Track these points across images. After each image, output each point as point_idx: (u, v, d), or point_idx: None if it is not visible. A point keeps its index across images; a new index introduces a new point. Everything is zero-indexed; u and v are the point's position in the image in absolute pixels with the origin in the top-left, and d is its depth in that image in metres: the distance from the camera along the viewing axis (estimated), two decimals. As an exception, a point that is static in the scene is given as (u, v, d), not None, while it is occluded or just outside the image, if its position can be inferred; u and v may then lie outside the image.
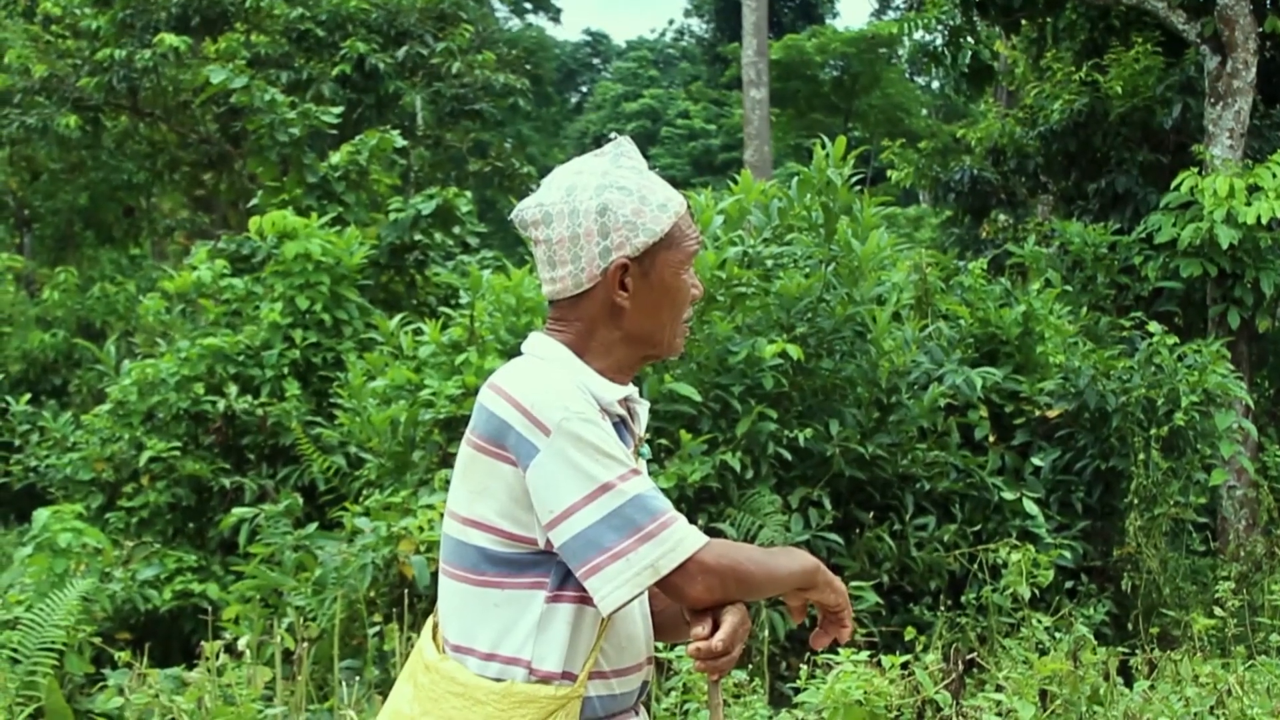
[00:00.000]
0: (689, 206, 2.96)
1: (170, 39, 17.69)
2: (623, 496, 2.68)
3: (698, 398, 8.26)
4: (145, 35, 18.69)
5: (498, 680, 2.80)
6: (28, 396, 11.26)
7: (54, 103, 19.85)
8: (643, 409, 3.02)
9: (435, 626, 2.96)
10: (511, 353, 9.29)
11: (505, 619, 2.82)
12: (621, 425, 2.91)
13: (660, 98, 69.77)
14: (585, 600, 2.77)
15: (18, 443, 11.13)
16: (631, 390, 2.95)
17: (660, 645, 6.14)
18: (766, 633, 7.63)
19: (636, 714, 3.00)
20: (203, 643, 6.88)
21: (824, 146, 8.94)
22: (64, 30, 19.90)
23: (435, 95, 19.55)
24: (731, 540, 2.95)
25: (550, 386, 2.77)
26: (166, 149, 21.83)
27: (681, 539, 2.69)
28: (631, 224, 2.84)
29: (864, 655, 5.99)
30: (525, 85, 21.25)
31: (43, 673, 7.30)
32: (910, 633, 7.59)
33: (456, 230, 12.71)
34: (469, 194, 13.09)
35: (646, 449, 3.02)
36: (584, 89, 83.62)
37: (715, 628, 2.75)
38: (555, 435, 2.71)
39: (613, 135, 3.01)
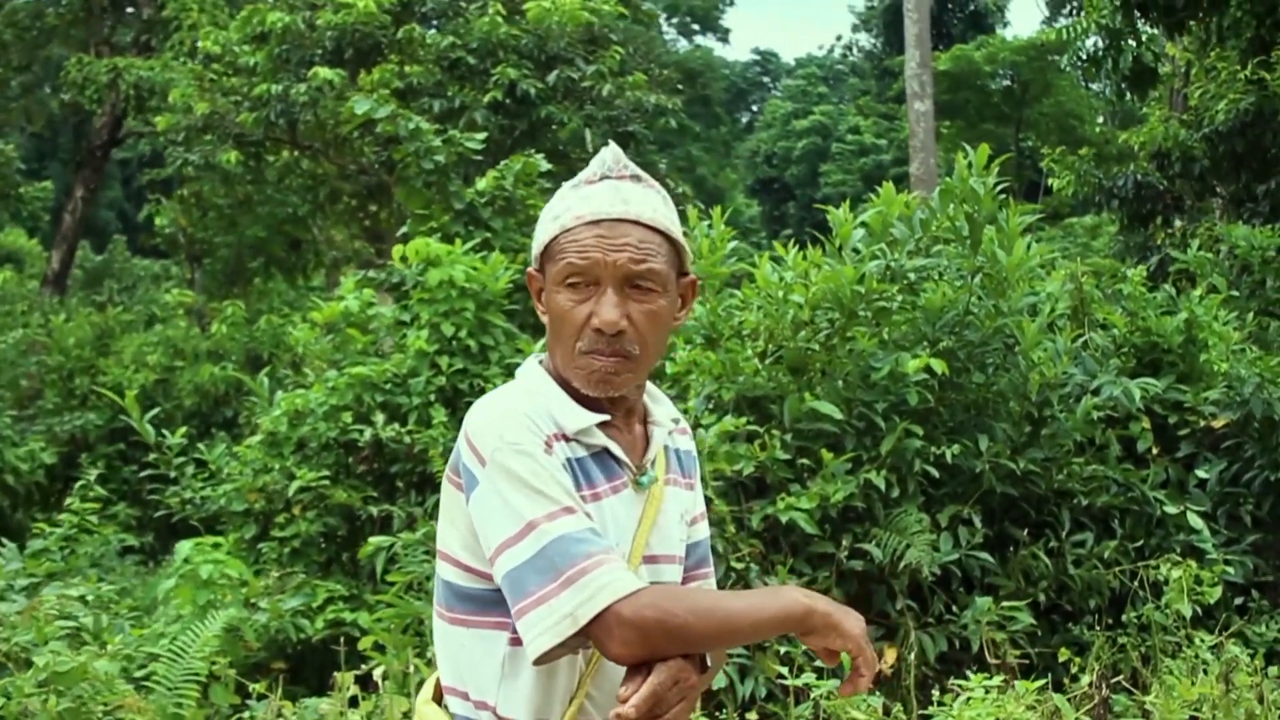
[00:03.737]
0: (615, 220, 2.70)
1: (324, 72, 17.92)
2: (546, 537, 2.51)
3: (840, 415, 8.07)
4: (300, 70, 18.97)
5: None
6: (183, 430, 11.33)
7: (216, 139, 20.22)
8: (659, 432, 2.86)
9: None
10: (654, 374, 9.20)
11: (472, 660, 2.68)
12: (606, 454, 2.75)
13: (830, 114, 69.68)
14: None
15: (173, 475, 11.24)
16: (643, 411, 2.86)
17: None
18: (913, 655, 7.41)
19: None
20: (335, 674, 6.86)
21: (967, 155, 8.70)
22: (224, 68, 20.25)
23: (587, 119, 19.55)
24: (673, 587, 2.72)
25: (496, 414, 2.65)
26: (327, 181, 22.15)
27: (601, 587, 2.47)
28: (536, 235, 2.79)
29: (998, 680, 5.76)
30: (677, 105, 21.14)
31: (187, 705, 7.31)
32: (1065, 654, 7.33)
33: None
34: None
35: (649, 477, 2.82)
36: (754, 108, 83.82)
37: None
38: (489, 466, 2.57)
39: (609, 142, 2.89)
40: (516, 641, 2.59)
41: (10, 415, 20.63)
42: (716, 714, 6.73)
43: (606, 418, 2.74)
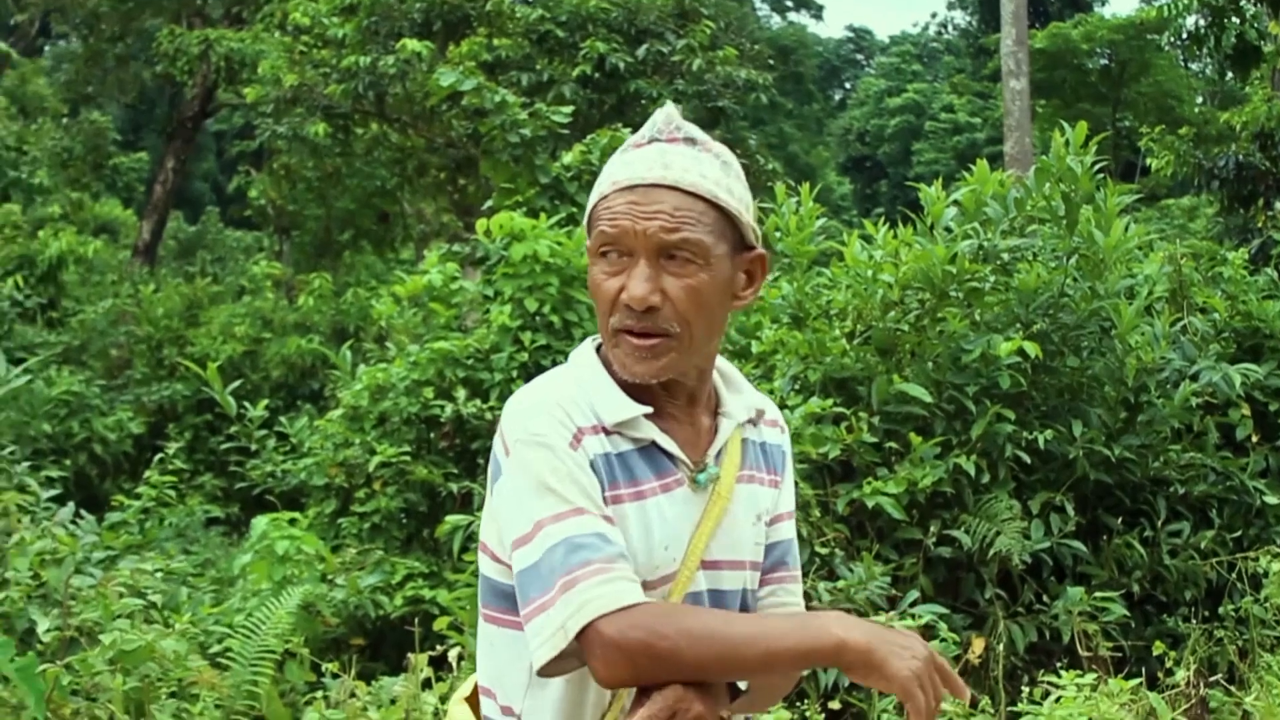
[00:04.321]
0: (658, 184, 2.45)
1: (413, 45, 17.84)
2: (549, 540, 2.32)
3: (929, 398, 7.87)
4: (389, 42, 18.91)
5: None
6: (264, 403, 11.30)
7: (305, 111, 20.22)
8: (727, 424, 2.60)
9: None
10: (739, 354, 9.03)
11: (501, 662, 2.50)
12: (654, 448, 2.50)
13: (924, 92, 69.23)
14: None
15: (254, 447, 11.20)
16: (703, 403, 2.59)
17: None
18: (1002, 646, 7.22)
19: None
20: (410, 655, 6.77)
21: (1064, 133, 8.46)
22: (314, 40, 20.22)
23: (677, 94, 19.35)
24: (673, 605, 2.41)
25: (528, 402, 2.46)
26: (415, 154, 22.10)
27: (589, 600, 2.25)
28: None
29: (1090, 677, 5.55)
30: (768, 81, 20.91)
31: (262, 682, 7.23)
32: (1160, 647, 7.11)
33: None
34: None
35: (708, 474, 2.55)
36: (847, 85, 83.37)
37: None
38: (511, 457, 2.41)
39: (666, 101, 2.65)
40: None
41: (99, 385, 20.80)
42: (798, 703, 6.56)
43: (648, 409, 2.51)
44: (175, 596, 8.30)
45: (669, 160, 2.47)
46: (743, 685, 2.40)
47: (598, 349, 2.59)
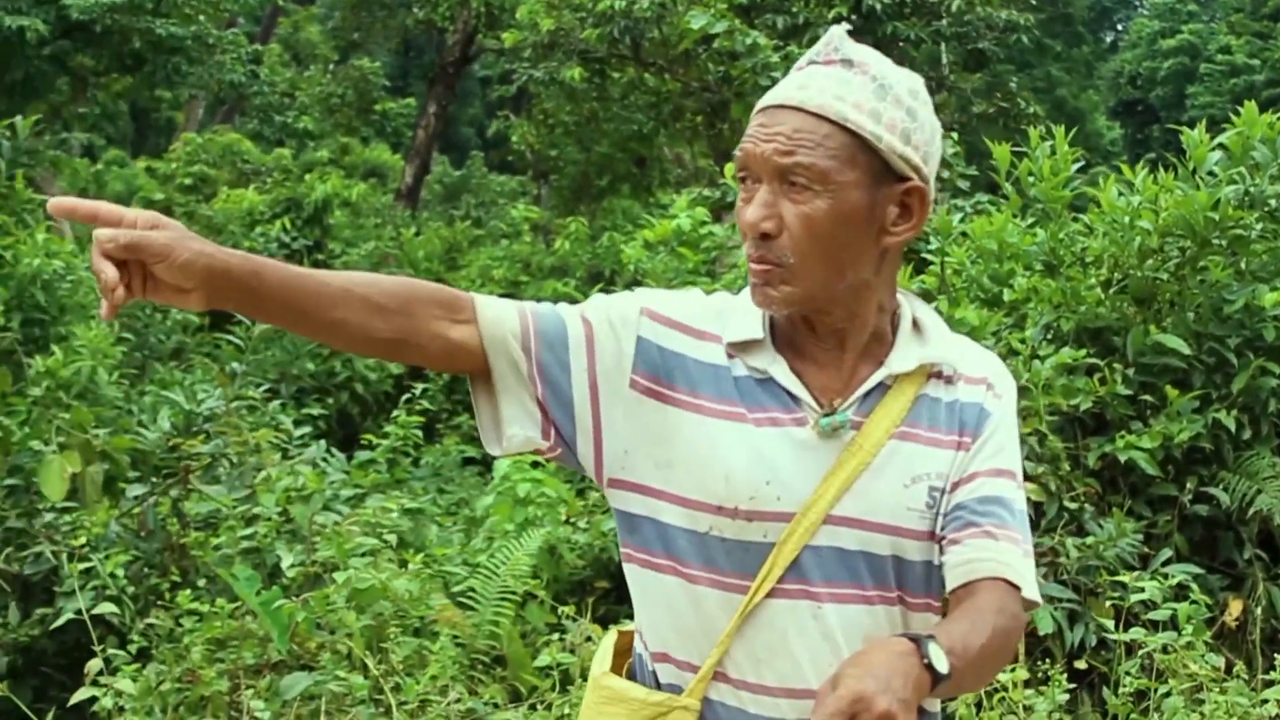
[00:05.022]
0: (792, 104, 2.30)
1: (667, -13, 17.82)
2: None
3: (1188, 350, 7.58)
4: (646, -15, 18.88)
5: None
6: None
7: (561, 56, 20.32)
8: (879, 374, 2.38)
9: None
10: (991, 301, 8.80)
11: (636, 594, 2.47)
12: (773, 383, 2.35)
13: (1200, 33, 66.92)
14: (656, 566, 2.37)
15: (504, 390, 11.27)
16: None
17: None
18: (1260, 609, 6.94)
19: None
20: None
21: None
22: (570, -16, 20.33)
23: (936, 35, 18.98)
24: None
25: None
26: (670, 98, 22.04)
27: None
28: None
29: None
30: (1030, 21, 20.37)
31: (503, 622, 7.31)
32: None
33: (945, 174, 12.18)
34: (955, 135, 12.49)
35: (832, 420, 2.33)
36: (1119, 27, 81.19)
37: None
38: None
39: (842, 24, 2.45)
40: (647, 564, 2.39)
41: (362, 326, 21.22)
42: (1041, 662, 6.38)
43: (759, 335, 2.37)
44: (421, 535, 8.43)
45: (807, 82, 2.31)
46: (943, 669, 2.07)
47: None
